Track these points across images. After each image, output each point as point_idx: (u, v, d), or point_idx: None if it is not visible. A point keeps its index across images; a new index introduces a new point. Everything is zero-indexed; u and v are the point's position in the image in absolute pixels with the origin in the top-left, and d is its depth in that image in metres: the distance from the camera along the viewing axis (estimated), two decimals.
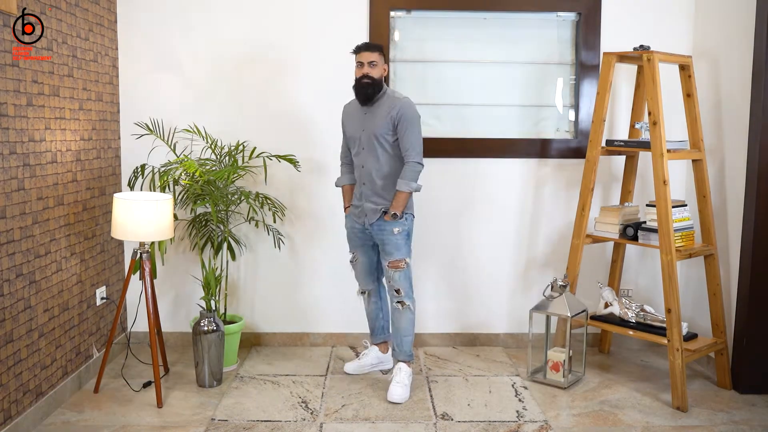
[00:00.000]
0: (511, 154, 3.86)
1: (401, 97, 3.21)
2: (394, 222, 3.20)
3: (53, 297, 3.04)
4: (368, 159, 3.24)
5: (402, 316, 3.27)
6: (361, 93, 3.21)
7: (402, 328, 3.28)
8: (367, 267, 3.41)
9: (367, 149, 3.23)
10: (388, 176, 3.23)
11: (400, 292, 3.24)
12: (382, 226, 3.22)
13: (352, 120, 3.31)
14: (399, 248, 3.22)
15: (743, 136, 3.30)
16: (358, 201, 3.31)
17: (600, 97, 3.46)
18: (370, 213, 3.25)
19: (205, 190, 3.44)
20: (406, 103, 3.18)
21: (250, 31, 3.74)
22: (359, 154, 3.27)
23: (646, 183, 3.88)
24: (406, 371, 3.25)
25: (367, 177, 3.25)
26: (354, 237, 3.39)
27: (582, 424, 2.97)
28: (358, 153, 3.28)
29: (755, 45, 3.20)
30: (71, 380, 3.19)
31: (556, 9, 3.80)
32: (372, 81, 3.18)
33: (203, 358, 3.28)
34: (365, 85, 3.19)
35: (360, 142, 3.25)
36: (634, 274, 3.97)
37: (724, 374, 3.37)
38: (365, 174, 3.26)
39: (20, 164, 2.74)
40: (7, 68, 2.64)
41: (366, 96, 3.20)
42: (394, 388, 3.18)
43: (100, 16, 3.48)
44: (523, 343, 3.95)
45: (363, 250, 3.39)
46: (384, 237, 3.22)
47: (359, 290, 3.50)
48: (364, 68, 3.18)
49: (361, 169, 3.27)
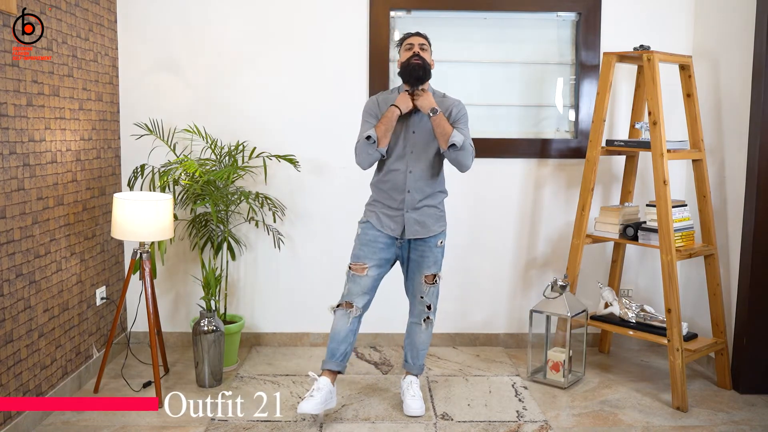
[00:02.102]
0: (511, 154, 3.86)
1: (454, 98, 3.04)
2: (438, 234, 2.99)
3: (53, 297, 3.04)
4: (418, 164, 2.94)
5: (425, 332, 3.10)
6: (412, 74, 2.88)
7: (422, 342, 3.10)
8: (372, 283, 3.01)
9: (417, 152, 2.94)
10: (438, 182, 3.01)
11: (430, 308, 3.06)
12: (427, 241, 2.99)
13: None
14: (437, 262, 3.03)
15: (743, 136, 3.30)
16: (396, 211, 2.97)
17: (600, 97, 3.46)
18: (414, 226, 2.97)
19: (205, 190, 3.44)
20: (462, 104, 3.01)
21: (250, 31, 3.74)
22: (404, 157, 2.94)
23: (646, 183, 3.88)
24: (417, 383, 3.13)
25: (414, 184, 2.94)
26: (375, 248, 2.99)
27: (582, 424, 2.97)
28: (403, 156, 2.95)
29: (755, 45, 3.20)
30: (71, 380, 3.19)
31: (556, 9, 3.80)
32: (423, 62, 2.89)
33: (203, 358, 3.28)
34: (416, 66, 2.88)
35: (407, 144, 2.94)
36: (634, 274, 3.97)
37: (724, 374, 3.37)
38: (412, 180, 2.94)
39: (20, 164, 2.74)
40: (7, 68, 2.64)
41: (417, 78, 2.88)
42: (412, 402, 3.03)
43: (100, 16, 3.48)
44: (523, 343, 3.95)
45: (378, 264, 3.00)
46: (426, 250, 3.00)
47: (337, 305, 3.03)
48: (415, 48, 2.91)
49: (406, 175, 2.94)
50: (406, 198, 2.96)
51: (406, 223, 2.97)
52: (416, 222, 2.98)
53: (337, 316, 3.01)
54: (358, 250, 3.01)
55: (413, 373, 3.14)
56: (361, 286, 2.99)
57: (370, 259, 2.98)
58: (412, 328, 3.13)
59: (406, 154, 2.95)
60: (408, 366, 3.15)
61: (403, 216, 2.97)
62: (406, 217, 2.96)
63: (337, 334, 2.99)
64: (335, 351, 2.99)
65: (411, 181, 2.95)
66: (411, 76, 2.90)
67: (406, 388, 3.10)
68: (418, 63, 2.89)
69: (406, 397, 3.06)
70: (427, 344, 3.14)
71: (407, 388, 3.10)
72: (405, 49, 2.96)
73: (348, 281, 3.01)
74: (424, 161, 2.96)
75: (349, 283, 3.00)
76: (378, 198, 3.03)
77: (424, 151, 2.96)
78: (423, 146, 2.96)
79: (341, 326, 2.99)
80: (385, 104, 2.97)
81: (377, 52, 3.74)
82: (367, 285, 2.99)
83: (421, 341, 3.12)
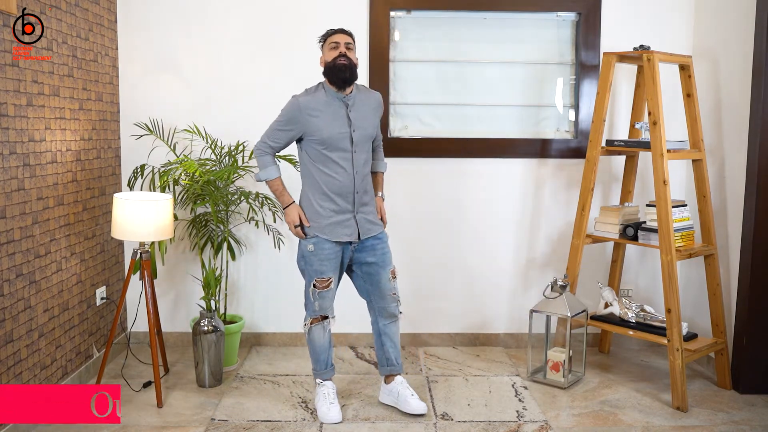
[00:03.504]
0: (511, 154, 3.86)
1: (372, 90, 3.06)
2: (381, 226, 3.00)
3: (53, 297, 3.04)
4: (360, 162, 2.89)
5: (397, 327, 3.07)
6: (339, 76, 2.81)
7: (397, 340, 3.08)
8: (336, 290, 3.01)
9: (359, 151, 2.89)
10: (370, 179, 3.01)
11: (399, 301, 3.05)
12: (380, 237, 2.97)
13: (328, 117, 2.85)
14: (390, 253, 3.03)
15: (743, 136, 3.30)
16: (345, 214, 2.89)
17: (600, 97, 3.46)
18: (366, 225, 2.93)
19: (205, 190, 3.44)
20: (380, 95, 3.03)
21: (250, 31, 3.74)
22: (348, 158, 2.87)
23: (646, 183, 3.88)
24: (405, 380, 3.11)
25: (361, 184, 2.90)
26: (333, 259, 2.91)
27: (582, 424, 2.97)
28: (347, 157, 2.87)
29: (755, 45, 3.20)
30: (71, 380, 3.19)
31: (556, 9, 3.80)
32: (350, 62, 2.82)
33: (203, 358, 3.28)
34: (342, 67, 2.80)
35: (353, 144, 2.87)
36: (634, 274, 3.97)
37: (724, 374, 3.37)
38: (359, 179, 2.89)
39: (20, 164, 2.75)
40: (7, 68, 2.64)
41: (344, 80, 2.81)
42: (413, 401, 2.99)
43: (100, 16, 3.48)
44: (523, 343, 3.95)
45: (336, 273, 2.96)
46: (382, 247, 2.97)
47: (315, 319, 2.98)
48: (341, 48, 2.83)
49: (353, 176, 2.87)
50: (357, 199, 2.89)
51: (359, 225, 2.92)
52: (367, 222, 2.94)
53: (315, 330, 2.99)
54: (320, 266, 2.90)
55: (400, 372, 3.08)
56: (328, 299, 2.97)
57: (331, 271, 2.94)
58: (388, 328, 3.05)
59: (351, 155, 2.87)
60: (394, 368, 3.07)
61: (356, 218, 2.91)
62: (358, 218, 2.91)
63: (322, 346, 3.02)
64: (327, 360, 3.05)
65: (359, 182, 2.89)
66: (338, 77, 2.82)
67: (402, 390, 3.03)
68: (344, 64, 2.81)
69: (407, 398, 3.01)
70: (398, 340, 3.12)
71: (403, 388, 3.04)
72: (330, 48, 2.86)
73: (316, 298, 2.94)
74: (364, 160, 2.92)
75: (319, 300, 2.94)
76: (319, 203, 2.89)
77: (365, 150, 2.92)
78: (363, 146, 2.91)
79: (323, 338, 3.01)
80: (307, 109, 2.84)
81: (377, 52, 3.74)
82: (333, 294, 2.99)
83: (398, 337, 3.10)
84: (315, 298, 2.94)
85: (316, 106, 2.85)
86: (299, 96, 2.90)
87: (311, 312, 2.99)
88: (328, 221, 2.88)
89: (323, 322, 2.99)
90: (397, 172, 3.77)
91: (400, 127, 3.88)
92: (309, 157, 2.90)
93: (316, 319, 2.99)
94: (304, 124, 2.85)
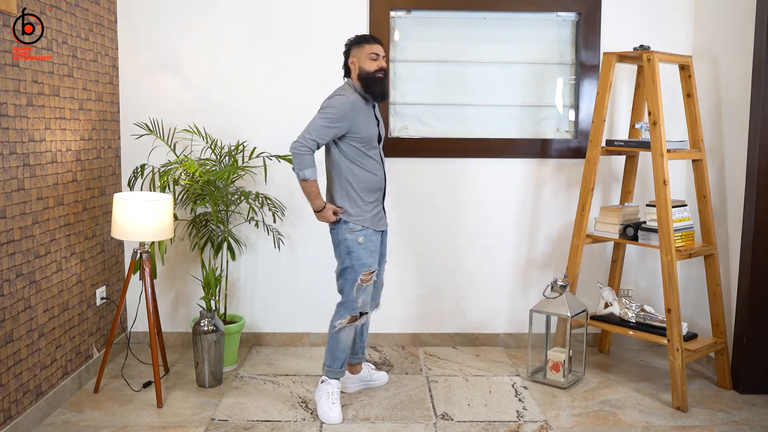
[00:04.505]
0: (511, 154, 3.86)
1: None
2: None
3: (53, 297, 3.04)
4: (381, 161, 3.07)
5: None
6: (379, 88, 2.93)
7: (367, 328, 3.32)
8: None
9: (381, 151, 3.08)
10: None
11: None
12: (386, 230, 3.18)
13: (366, 118, 2.96)
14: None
15: (743, 136, 3.30)
16: (379, 206, 3.05)
17: (600, 97, 3.46)
18: (385, 216, 3.13)
19: (205, 190, 3.44)
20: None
21: (250, 31, 3.74)
22: (379, 154, 3.02)
23: (646, 183, 3.88)
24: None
25: (384, 180, 3.06)
26: (376, 250, 3.04)
27: (582, 424, 2.97)
28: (379, 154, 3.03)
29: (755, 45, 3.20)
30: (71, 380, 3.19)
31: (556, 9, 3.80)
32: (386, 75, 2.97)
33: (203, 358, 3.28)
34: (382, 81, 2.94)
35: (380, 141, 3.04)
36: (634, 274, 3.97)
37: (724, 374, 3.37)
38: (383, 177, 3.05)
39: (20, 164, 2.75)
40: (7, 68, 2.64)
41: (383, 93, 2.95)
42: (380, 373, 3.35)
43: (100, 16, 3.48)
44: (523, 343, 3.95)
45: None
46: (385, 239, 3.19)
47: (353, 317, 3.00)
48: (380, 61, 2.93)
49: (380, 172, 3.02)
50: (379, 196, 3.05)
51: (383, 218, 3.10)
52: (385, 213, 3.11)
53: (347, 330, 3.01)
54: (368, 259, 2.96)
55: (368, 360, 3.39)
56: (369, 292, 3.02)
57: (376, 262, 3.04)
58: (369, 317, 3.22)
59: (378, 153, 3.02)
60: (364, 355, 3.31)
61: (383, 209, 3.08)
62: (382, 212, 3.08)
63: (346, 347, 3.04)
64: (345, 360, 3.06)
65: (384, 179, 3.05)
66: (377, 90, 2.92)
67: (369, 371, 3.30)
68: (382, 78, 2.93)
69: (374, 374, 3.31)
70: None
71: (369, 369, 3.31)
72: (370, 58, 2.92)
73: (360, 293, 2.98)
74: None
75: (363, 295, 2.98)
76: (363, 198, 2.96)
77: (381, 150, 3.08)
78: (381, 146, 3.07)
79: (351, 339, 3.05)
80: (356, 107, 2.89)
81: None
82: (372, 287, 3.06)
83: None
84: (359, 293, 2.98)
85: (360, 105, 2.93)
86: (347, 94, 2.91)
87: (350, 310, 3.00)
88: (371, 213, 3.00)
89: (360, 319, 3.02)
90: (397, 172, 3.77)
91: (400, 127, 3.88)
92: (345, 156, 2.93)
93: (353, 318, 3.00)
94: (351, 122, 2.88)
